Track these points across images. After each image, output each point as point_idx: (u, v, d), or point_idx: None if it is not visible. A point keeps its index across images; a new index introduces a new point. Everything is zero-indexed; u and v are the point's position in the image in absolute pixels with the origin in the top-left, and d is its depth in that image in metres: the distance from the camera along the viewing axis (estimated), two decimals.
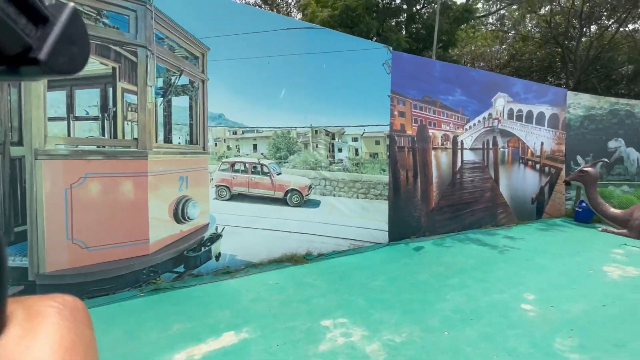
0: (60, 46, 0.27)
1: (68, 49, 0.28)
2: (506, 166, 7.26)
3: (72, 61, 0.29)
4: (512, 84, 7.17)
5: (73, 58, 0.29)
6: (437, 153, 6.13)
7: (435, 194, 6.10)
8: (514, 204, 7.29)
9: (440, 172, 6.18)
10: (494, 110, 6.90)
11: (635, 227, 6.36)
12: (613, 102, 9.29)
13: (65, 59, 0.28)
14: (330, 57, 4.69)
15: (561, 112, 8.17)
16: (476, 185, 6.69)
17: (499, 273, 4.28)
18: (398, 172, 5.60)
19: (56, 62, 0.27)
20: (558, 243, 5.77)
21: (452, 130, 6.32)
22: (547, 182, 8.04)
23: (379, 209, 5.40)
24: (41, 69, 0.26)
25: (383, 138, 5.36)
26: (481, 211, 6.74)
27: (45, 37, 0.26)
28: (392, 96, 5.44)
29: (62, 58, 0.28)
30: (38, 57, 0.26)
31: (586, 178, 7.29)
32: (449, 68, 6.21)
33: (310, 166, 4.67)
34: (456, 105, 6.31)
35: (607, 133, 9.20)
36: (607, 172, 9.34)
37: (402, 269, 4.34)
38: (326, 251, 4.86)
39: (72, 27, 0.28)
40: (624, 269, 4.53)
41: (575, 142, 8.58)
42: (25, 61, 0.26)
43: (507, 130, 7.19)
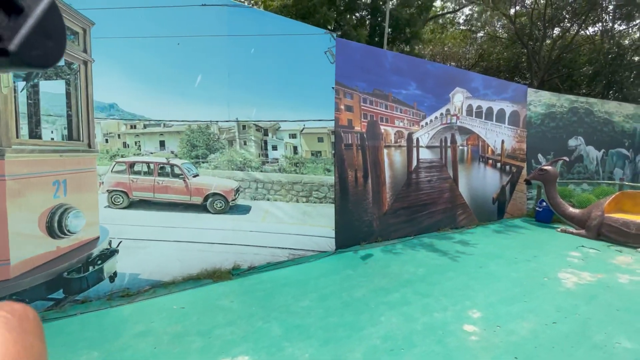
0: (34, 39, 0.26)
1: (43, 42, 0.27)
2: (466, 165, 6.92)
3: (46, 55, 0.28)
4: (470, 79, 6.84)
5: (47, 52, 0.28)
6: (390, 151, 5.67)
7: (389, 196, 5.64)
8: (474, 205, 6.97)
9: (393, 172, 5.72)
10: (452, 106, 6.54)
11: (592, 227, 6.16)
12: (572, 100, 9.24)
13: (39, 52, 0.27)
14: (260, 40, 4.09)
15: (522, 109, 7.96)
16: (434, 185, 6.29)
17: (446, 285, 3.83)
18: (345, 173, 5.07)
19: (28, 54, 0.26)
20: (515, 246, 5.45)
21: (406, 126, 5.87)
22: (508, 182, 7.81)
23: (323, 214, 4.85)
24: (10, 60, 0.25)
25: (327, 134, 4.82)
26: (440, 213, 6.35)
27: (17, 28, 0.25)
28: (338, 88, 4.90)
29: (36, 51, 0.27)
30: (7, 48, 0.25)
31: (546, 177, 7.09)
32: (401, 59, 5.76)
33: (237, 166, 4.05)
34: (410, 100, 5.88)
35: (567, 131, 9.13)
36: (567, 170, 9.29)
37: (341, 283, 3.81)
38: (259, 263, 4.25)
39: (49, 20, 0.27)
40: (579, 275, 4.21)
41: (536, 140, 8.42)
42: None
43: (467, 128, 6.85)
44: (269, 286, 3.67)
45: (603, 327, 2.98)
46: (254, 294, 3.49)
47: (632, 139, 10.74)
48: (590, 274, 4.27)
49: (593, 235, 6.08)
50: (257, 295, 3.45)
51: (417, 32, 10.27)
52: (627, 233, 5.65)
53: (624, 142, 10.54)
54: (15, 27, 0.25)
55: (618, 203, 6.31)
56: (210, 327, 2.81)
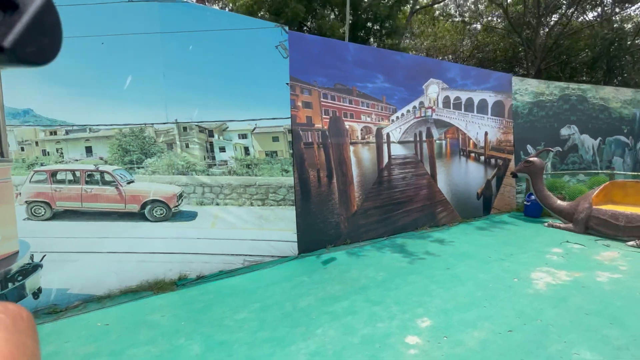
0: (29, 35, 0.26)
1: (38, 38, 0.27)
2: (445, 160, 6.60)
3: (42, 52, 0.28)
4: (446, 69, 6.51)
5: (43, 49, 0.28)
6: (357, 148, 5.39)
7: (358, 195, 5.36)
8: (456, 201, 6.64)
9: (362, 170, 5.44)
10: (426, 99, 6.23)
11: (580, 221, 5.78)
12: (563, 87, 8.80)
13: (34, 49, 0.27)
14: (200, 37, 3.87)
15: (507, 99, 7.59)
16: (409, 182, 5.99)
17: (404, 290, 3.54)
18: (306, 173, 4.82)
19: (23, 51, 0.26)
20: (493, 244, 5.11)
21: (374, 122, 5.59)
22: (494, 175, 7.44)
23: (283, 217, 4.61)
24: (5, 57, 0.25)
25: (283, 133, 4.57)
26: (416, 211, 6.04)
27: (12, 24, 0.25)
28: (293, 84, 4.66)
29: (31, 48, 0.26)
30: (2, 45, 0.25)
31: (531, 169, 6.71)
32: (365, 51, 5.48)
33: (179, 171, 3.84)
34: (378, 94, 5.59)
35: (558, 120, 8.70)
36: (561, 161, 8.86)
37: (290, 292, 3.55)
38: (210, 272, 4.03)
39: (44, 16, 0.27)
40: (555, 275, 3.87)
41: (524, 130, 8.03)
42: None
43: (444, 120, 6.53)
44: (212, 297, 3.44)
45: (564, 335, 2.66)
46: (192, 306, 3.26)
47: (632, 125, 10.21)
48: (567, 273, 3.92)
49: (581, 229, 5.70)
50: (194, 307, 3.23)
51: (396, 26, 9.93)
52: (616, 226, 5.26)
53: (623, 129, 10.02)
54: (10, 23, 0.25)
55: (607, 194, 5.91)
56: (125, 347, 2.58)
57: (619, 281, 3.68)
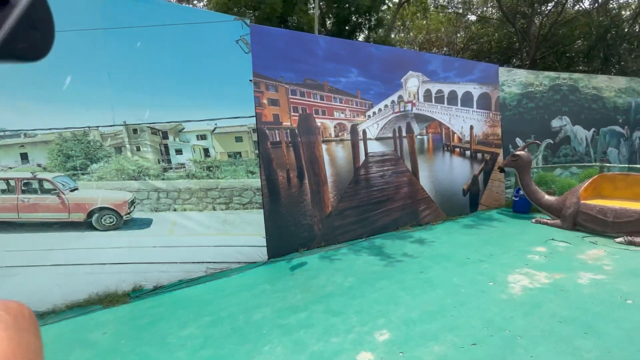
0: (20, 30, 0.25)
1: (29, 33, 0.26)
2: (427, 156, 6.34)
3: (34, 47, 0.27)
4: (426, 61, 6.23)
5: (35, 44, 0.27)
6: (331, 146, 5.15)
7: (332, 196, 5.12)
8: (440, 198, 6.39)
9: (336, 169, 5.20)
10: (406, 93, 5.96)
11: (568, 216, 5.52)
12: (554, 77, 8.50)
13: (26, 44, 0.26)
14: (150, 32, 3.63)
15: (493, 91, 7.31)
16: (388, 180, 5.74)
17: (370, 297, 3.32)
18: (274, 174, 4.59)
19: (14, 47, 0.25)
20: (475, 244, 4.87)
21: (349, 118, 5.34)
22: (481, 170, 7.18)
23: (250, 221, 4.38)
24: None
25: (247, 133, 4.34)
26: (397, 210, 5.80)
27: (2, 19, 0.25)
28: (258, 81, 4.41)
29: (22, 43, 0.25)
30: None
31: (519, 163, 6.44)
32: (337, 45, 5.21)
33: (130, 176, 3.61)
34: (353, 89, 5.33)
35: (549, 111, 8.41)
36: (553, 154, 8.57)
37: (247, 302, 3.33)
38: (169, 281, 3.82)
39: (36, 11, 0.26)
40: (533, 277, 3.64)
41: (512, 123, 7.75)
42: None
43: (425, 115, 6.27)
44: (162, 310, 3.23)
45: (532, 348, 2.43)
46: (138, 321, 3.05)
47: (627, 114, 9.89)
48: (546, 275, 3.68)
49: (568, 225, 5.45)
50: (140, 322, 3.01)
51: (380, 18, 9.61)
52: (604, 221, 5.01)
53: (618, 119, 9.71)
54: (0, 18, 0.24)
55: (596, 188, 5.64)
56: None
57: (601, 283, 3.43)
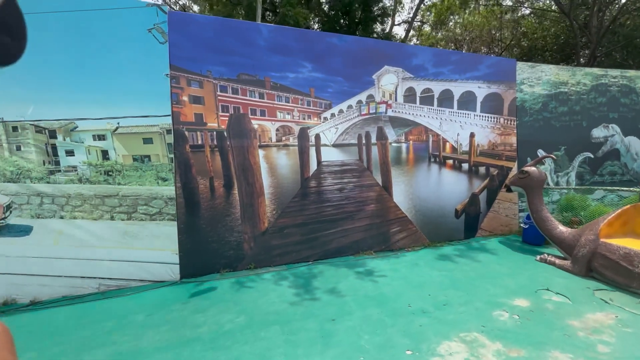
0: None
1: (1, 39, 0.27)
2: (405, 167, 5.29)
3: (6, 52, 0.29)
4: (409, 54, 5.19)
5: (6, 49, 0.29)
6: (270, 153, 4.42)
7: (271, 210, 4.40)
8: (422, 220, 5.29)
9: (278, 179, 4.45)
10: (378, 91, 5.00)
11: (580, 258, 4.13)
12: (598, 75, 6.76)
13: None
14: (37, 20, 3.27)
15: (508, 91, 5.96)
16: (348, 195, 4.84)
17: (236, 351, 2.55)
18: (193, 181, 4.00)
19: None
20: (437, 284, 3.80)
21: (297, 120, 4.56)
22: (484, 188, 5.87)
23: (159, 234, 3.85)
24: None
25: (159, 134, 3.81)
26: (359, 231, 4.87)
27: None
28: (176, 75, 3.87)
29: None
30: None
31: (527, 181, 5.09)
32: (285, 34, 4.46)
33: (7, 178, 3.28)
34: (304, 86, 4.55)
35: (589, 117, 6.70)
36: (593, 171, 6.82)
37: (95, 338, 2.77)
38: (49, 297, 3.42)
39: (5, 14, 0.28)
40: (477, 350, 2.56)
41: (534, 131, 6.27)
42: None
43: (405, 118, 5.23)
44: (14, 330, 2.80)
45: None
46: None
47: None
48: (500, 349, 2.58)
49: (581, 269, 4.06)
50: None
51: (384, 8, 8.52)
52: (629, 272, 3.60)
53: None
54: None
55: (627, 223, 4.15)
56: None
57: None
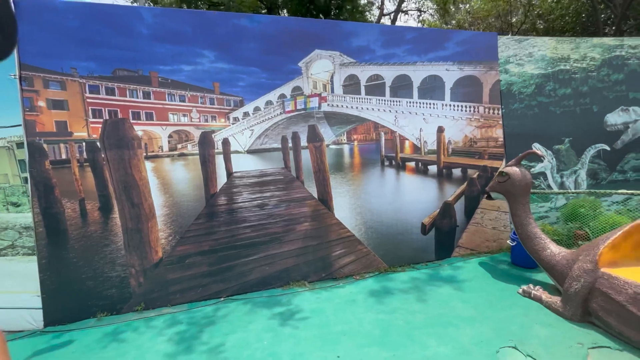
0: None
1: None
2: (350, 175, 4.26)
3: None
4: (349, 33, 4.18)
5: None
6: (161, 165, 3.58)
7: (166, 235, 3.55)
8: (376, 239, 4.24)
9: (173, 197, 3.60)
10: (308, 82, 4.04)
11: (573, 296, 2.92)
12: (611, 46, 5.37)
13: None
14: None
15: (488, 72, 4.79)
16: (272, 212, 3.90)
17: None
18: (57, 205, 3.23)
19: None
20: (360, 337, 2.76)
21: (196, 122, 3.69)
22: (460, 195, 4.71)
23: (11, 272, 3.11)
24: None
25: (7, 149, 3.09)
26: (290, 256, 3.91)
27: None
28: (29, 75, 3.14)
29: None
30: None
31: (507, 186, 3.91)
32: (175, 17, 3.60)
33: None
34: (205, 80, 3.68)
35: (601, 100, 5.32)
36: (611, 167, 5.41)
37: None
38: None
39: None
40: None
41: (527, 121, 5.02)
42: None
43: (347, 114, 4.22)
44: None
45: None
46: None
47: None
48: None
49: (574, 312, 2.86)
50: None
51: None
52: (638, 320, 2.39)
53: None
54: None
55: (637, 246, 2.89)
56: None
57: None
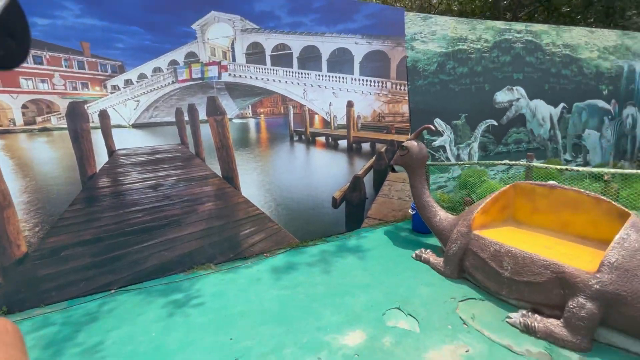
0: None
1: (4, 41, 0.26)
2: (257, 150, 4.09)
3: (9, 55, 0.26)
4: None
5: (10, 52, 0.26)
6: (15, 142, 2.96)
7: (30, 226, 3.00)
8: (287, 215, 4.20)
9: (36, 181, 3.03)
10: (205, 48, 3.65)
11: (452, 256, 3.25)
12: (502, 30, 5.92)
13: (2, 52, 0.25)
14: None
15: (395, 48, 4.89)
16: (169, 193, 3.56)
17: None
18: None
19: None
20: (259, 315, 2.73)
21: (60, 90, 3.10)
22: (369, 168, 4.89)
23: None
24: None
25: None
26: (192, 239, 3.65)
27: None
28: None
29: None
30: None
31: (406, 159, 4.15)
32: None
33: None
34: (70, 39, 3.05)
35: (492, 80, 5.91)
36: (498, 140, 6.14)
37: None
38: None
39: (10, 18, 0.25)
40: None
41: (431, 97, 5.34)
42: None
43: (252, 85, 3.96)
44: None
45: None
46: None
47: (615, 83, 7.25)
48: None
49: (452, 270, 3.21)
50: None
51: None
52: (498, 275, 2.76)
53: (601, 90, 7.10)
54: None
55: (505, 207, 3.32)
56: None
57: None
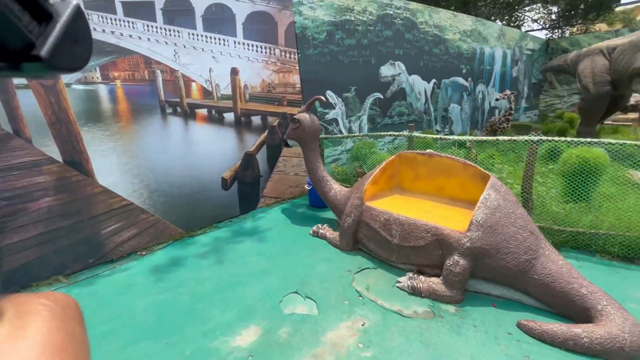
0: (63, 44, 0.27)
1: (71, 46, 0.28)
2: (116, 126, 3.26)
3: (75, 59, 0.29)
4: None
5: (76, 55, 0.29)
6: None
7: None
8: (165, 202, 3.52)
9: None
10: None
11: (346, 229, 3.24)
12: (384, 4, 6.11)
13: (68, 56, 0.28)
14: None
15: (282, 11, 4.46)
16: None
17: None
18: None
19: (59, 59, 0.27)
20: (127, 330, 2.18)
21: None
22: (262, 144, 4.53)
23: None
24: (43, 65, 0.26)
25: None
26: (27, 247, 2.70)
27: (48, 34, 0.26)
28: None
29: (65, 55, 0.28)
30: (40, 54, 0.25)
31: (299, 132, 3.94)
32: None
33: None
34: None
35: (377, 54, 6.14)
36: (383, 113, 6.54)
37: None
38: None
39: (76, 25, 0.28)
40: None
41: (321, 68, 5.19)
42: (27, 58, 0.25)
43: (99, 41, 3.05)
44: None
45: None
46: None
47: (471, 63, 8.55)
48: None
49: (347, 243, 3.21)
50: None
51: None
52: (388, 243, 2.84)
53: (461, 69, 8.27)
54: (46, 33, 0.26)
55: (392, 177, 3.48)
56: None
57: None
